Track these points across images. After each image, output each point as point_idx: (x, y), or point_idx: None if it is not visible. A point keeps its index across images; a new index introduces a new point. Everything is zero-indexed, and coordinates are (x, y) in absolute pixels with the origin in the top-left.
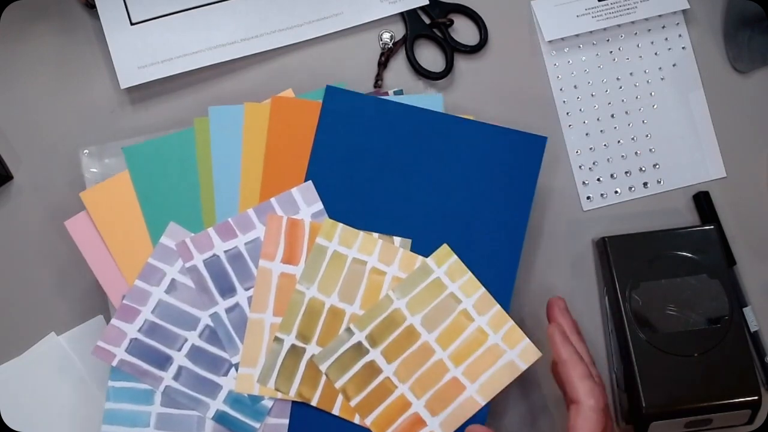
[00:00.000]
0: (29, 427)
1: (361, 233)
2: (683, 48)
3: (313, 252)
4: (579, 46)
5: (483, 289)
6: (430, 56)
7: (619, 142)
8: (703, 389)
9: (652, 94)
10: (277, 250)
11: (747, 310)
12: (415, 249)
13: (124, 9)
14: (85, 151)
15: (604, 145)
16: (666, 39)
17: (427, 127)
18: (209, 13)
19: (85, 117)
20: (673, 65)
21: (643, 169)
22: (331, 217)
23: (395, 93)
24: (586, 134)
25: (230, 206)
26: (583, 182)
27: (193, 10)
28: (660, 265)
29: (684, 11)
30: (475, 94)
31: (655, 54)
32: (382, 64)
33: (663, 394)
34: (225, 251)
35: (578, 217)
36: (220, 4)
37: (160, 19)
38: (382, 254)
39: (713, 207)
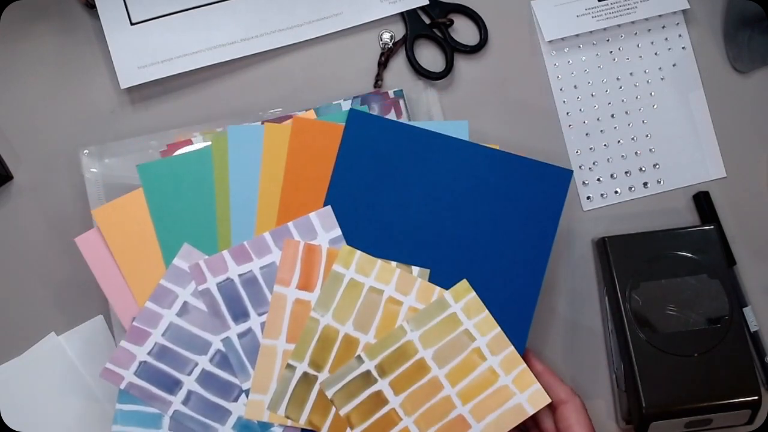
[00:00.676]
0: (29, 427)
1: (379, 261)
2: (683, 48)
3: (330, 279)
4: (579, 46)
5: (498, 328)
6: (430, 56)
7: (619, 142)
8: (703, 389)
9: (652, 94)
10: (292, 276)
11: (747, 310)
12: (433, 280)
13: (124, 9)
14: (85, 151)
15: (604, 145)
16: (666, 39)
17: (451, 155)
18: (209, 13)
19: (85, 117)
20: (673, 65)
21: (643, 169)
22: (348, 244)
23: (395, 93)
24: (586, 134)
25: (246, 229)
26: (583, 182)
27: (193, 10)
28: (660, 265)
29: (684, 11)
30: (475, 94)
31: (655, 54)
32: (382, 64)
33: (663, 394)
34: (239, 275)
35: (578, 217)
36: (220, 4)
37: (160, 19)
38: (399, 284)
39: (713, 207)
